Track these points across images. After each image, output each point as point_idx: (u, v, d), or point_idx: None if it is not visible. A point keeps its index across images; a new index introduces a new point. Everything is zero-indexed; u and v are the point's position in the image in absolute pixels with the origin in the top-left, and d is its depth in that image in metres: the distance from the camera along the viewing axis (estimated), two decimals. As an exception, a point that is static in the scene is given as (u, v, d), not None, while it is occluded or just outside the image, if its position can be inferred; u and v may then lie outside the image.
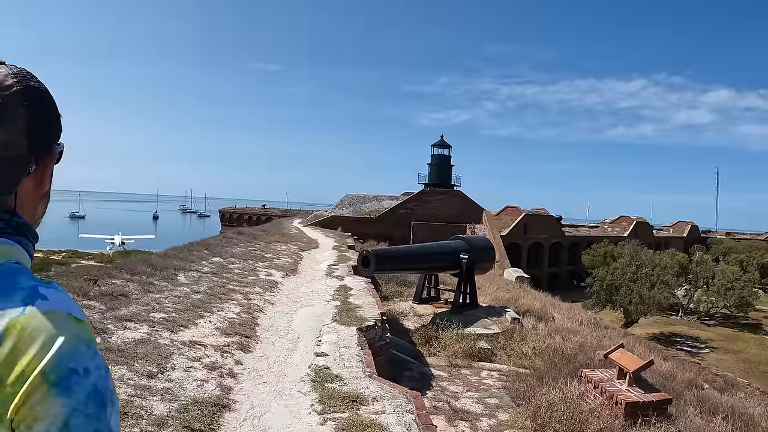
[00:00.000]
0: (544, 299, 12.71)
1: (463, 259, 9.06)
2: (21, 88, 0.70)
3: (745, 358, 26.94)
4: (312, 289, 7.07)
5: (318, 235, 18.29)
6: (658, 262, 33.95)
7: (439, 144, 38.24)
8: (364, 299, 6.35)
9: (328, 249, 13.43)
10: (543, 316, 10.94)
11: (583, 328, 10.81)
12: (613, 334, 10.86)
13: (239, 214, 63.66)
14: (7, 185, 0.70)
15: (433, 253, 8.65)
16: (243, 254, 9.29)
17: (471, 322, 8.84)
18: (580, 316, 11.91)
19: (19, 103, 0.70)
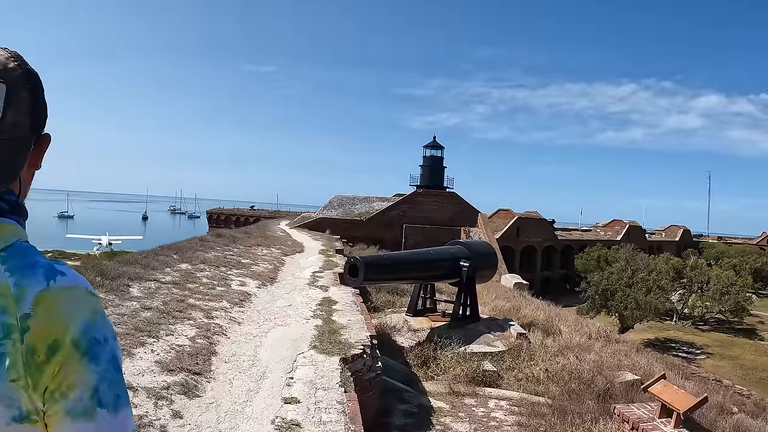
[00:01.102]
0: (548, 309, 11.76)
1: (464, 266, 8.07)
2: (23, 71, 0.73)
3: (741, 364, 26.74)
4: (290, 303, 6.02)
5: (304, 238, 17.22)
6: (654, 267, 33.58)
7: (431, 145, 37.40)
8: (351, 316, 5.31)
9: (313, 253, 12.37)
10: (549, 329, 9.97)
11: (595, 342, 9.88)
12: (628, 350, 9.92)
13: (227, 215, 62.43)
14: (17, 167, 0.72)
15: (430, 261, 7.63)
16: (216, 260, 8.20)
17: (472, 338, 7.85)
18: (588, 328, 10.96)
19: (23, 85, 0.72)
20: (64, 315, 0.66)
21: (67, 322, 0.66)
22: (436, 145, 37.53)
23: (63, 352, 0.65)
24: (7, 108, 0.70)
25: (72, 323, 0.66)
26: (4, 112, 0.69)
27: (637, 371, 7.96)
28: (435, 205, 27.94)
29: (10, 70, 0.71)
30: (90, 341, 0.67)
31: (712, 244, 61.21)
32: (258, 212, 62.18)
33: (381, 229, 26.30)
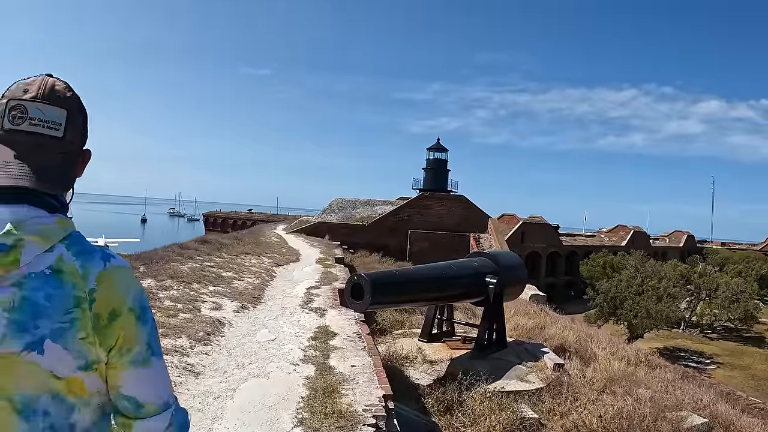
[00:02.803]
0: (578, 329, 10.33)
1: (491, 283, 6.64)
2: (76, 99, 0.96)
3: (753, 374, 26.28)
4: (275, 335, 4.58)
5: (301, 244, 15.78)
6: (664, 274, 32.62)
7: (435, 148, 36.10)
8: (356, 359, 3.88)
9: (310, 263, 10.94)
10: (583, 353, 8.54)
11: (636, 369, 8.51)
12: (676, 379, 8.51)
13: (224, 218, 61.22)
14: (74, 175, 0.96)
15: (451, 277, 6.18)
16: (191, 273, 6.76)
17: (501, 371, 6.40)
18: (625, 350, 9.56)
19: (77, 111, 0.96)
20: (120, 289, 0.90)
21: (122, 295, 0.90)
22: (440, 148, 36.20)
23: (122, 317, 0.89)
24: (67, 129, 0.92)
25: (126, 295, 0.90)
26: (65, 132, 0.92)
27: (701, 411, 6.57)
28: (442, 210, 26.25)
29: (69, 99, 0.94)
30: (140, 308, 0.92)
31: (716, 250, 60.50)
32: (256, 216, 60.94)
33: (384, 234, 24.67)
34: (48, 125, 0.90)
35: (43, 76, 0.94)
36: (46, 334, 0.83)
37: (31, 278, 0.84)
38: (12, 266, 0.83)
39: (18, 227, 0.84)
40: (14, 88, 0.92)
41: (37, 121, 0.89)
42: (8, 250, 0.83)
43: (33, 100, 0.90)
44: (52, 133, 0.91)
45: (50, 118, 0.90)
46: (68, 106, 0.92)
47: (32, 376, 0.83)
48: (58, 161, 0.91)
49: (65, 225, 0.90)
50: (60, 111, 0.91)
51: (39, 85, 0.92)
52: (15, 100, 0.90)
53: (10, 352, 0.82)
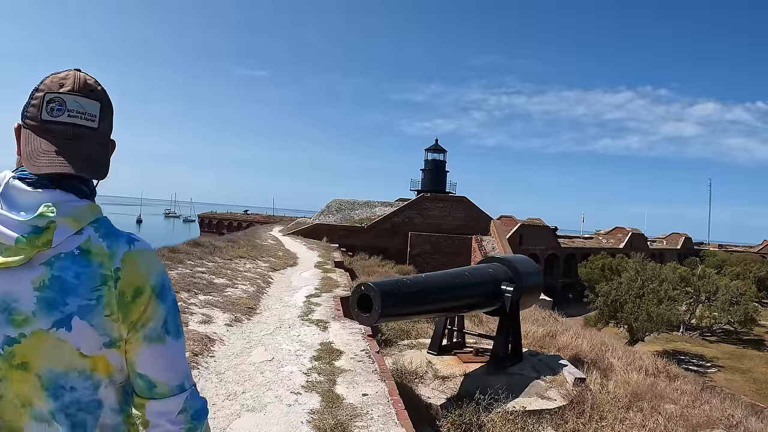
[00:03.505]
0: (591, 337, 9.78)
1: (507, 292, 6.10)
2: (106, 93, 0.99)
3: (754, 378, 26.20)
4: (272, 355, 4.01)
5: (298, 247, 15.20)
6: (665, 277, 32.40)
7: (433, 148, 35.69)
8: (368, 386, 3.32)
9: (308, 267, 10.36)
10: (600, 364, 8.00)
11: (656, 380, 8.00)
12: (698, 392, 7.99)
13: (219, 219, 60.49)
14: (108, 163, 0.99)
15: (466, 285, 5.62)
16: (180, 280, 6.19)
17: (520, 388, 5.86)
18: (641, 360, 9.01)
19: (108, 104, 0.99)
20: (143, 269, 0.93)
21: (146, 274, 0.93)
22: (439, 149, 35.77)
23: (145, 294, 0.92)
24: (101, 120, 0.96)
25: (149, 275, 0.93)
26: (100, 122, 0.96)
27: (735, 429, 6.07)
28: (443, 211, 25.57)
29: (101, 92, 0.98)
30: (161, 287, 0.95)
31: (713, 252, 60.64)
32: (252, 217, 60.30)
33: (384, 237, 24.01)
34: (85, 116, 0.94)
35: (73, 70, 0.98)
36: (74, 311, 0.87)
37: (61, 258, 0.89)
38: (44, 246, 0.87)
39: (50, 210, 0.89)
40: (49, 81, 0.95)
41: (75, 113, 0.93)
42: (41, 231, 0.87)
43: (71, 93, 0.94)
44: (89, 124, 0.94)
45: (87, 109, 0.94)
46: (101, 99, 0.97)
47: (60, 353, 0.87)
48: (96, 150, 0.95)
49: (94, 209, 0.95)
50: (94, 103, 0.96)
51: (74, 79, 0.96)
52: (52, 93, 0.93)
53: (40, 329, 0.86)
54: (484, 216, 26.40)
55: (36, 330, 0.85)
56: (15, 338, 0.85)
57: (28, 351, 0.86)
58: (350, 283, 8.76)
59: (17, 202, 0.89)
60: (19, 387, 0.87)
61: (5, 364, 0.86)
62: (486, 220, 25.98)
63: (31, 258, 0.86)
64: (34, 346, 0.85)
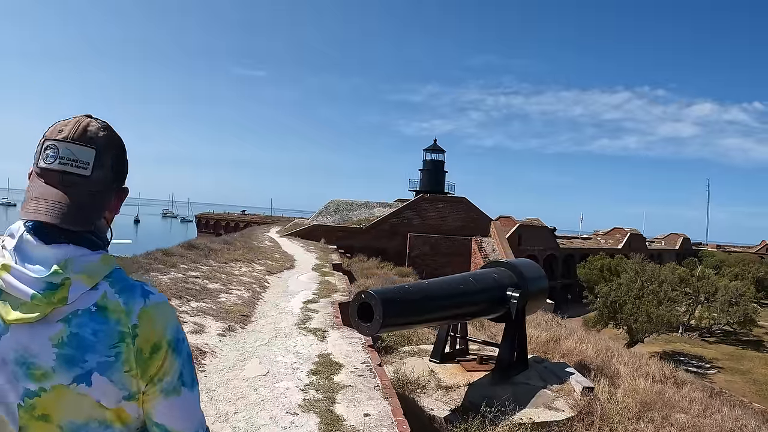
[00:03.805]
0: (596, 342, 9.55)
1: (512, 298, 5.88)
2: (108, 139, 0.98)
3: (754, 379, 26.07)
4: (267, 369, 3.76)
5: (296, 248, 14.93)
6: (664, 278, 32.27)
7: (432, 149, 35.47)
8: (369, 405, 3.07)
9: (306, 270, 10.11)
10: (606, 370, 7.77)
11: (667, 388, 7.77)
12: (708, 400, 7.77)
13: (216, 220, 60.07)
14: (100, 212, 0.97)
15: (471, 292, 5.38)
16: (172, 286, 5.92)
17: (527, 398, 5.62)
18: (647, 366, 8.79)
19: (108, 150, 0.97)
20: (160, 324, 0.94)
21: (162, 330, 0.94)
22: (437, 149, 35.55)
23: (162, 350, 0.93)
24: (95, 168, 0.95)
25: (165, 330, 0.94)
26: (93, 170, 0.95)
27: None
28: (442, 212, 25.23)
29: (100, 138, 0.97)
30: (177, 341, 0.95)
31: (711, 253, 60.65)
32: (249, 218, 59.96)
33: (382, 238, 23.69)
34: (76, 164, 0.94)
35: (81, 116, 0.99)
36: (94, 368, 0.88)
37: (78, 315, 0.90)
38: (60, 303, 0.89)
39: (64, 267, 0.90)
40: (52, 128, 0.97)
41: (66, 160, 0.94)
42: (56, 288, 0.88)
43: (64, 140, 0.95)
44: (80, 172, 0.94)
45: (78, 156, 0.94)
46: (97, 145, 0.96)
47: (81, 406, 0.89)
48: (84, 199, 0.94)
49: (108, 262, 0.95)
50: (88, 150, 0.95)
51: (72, 125, 0.96)
52: (50, 141, 0.95)
53: (60, 384, 0.88)
54: (484, 217, 26.08)
55: (56, 385, 0.88)
56: (35, 392, 0.89)
57: (48, 404, 0.89)
58: (349, 287, 8.51)
59: (32, 256, 0.90)
60: None
61: (26, 415, 0.89)
62: (486, 221, 25.66)
63: (48, 314, 0.89)
64: (54, 400, 0.88)
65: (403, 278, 15.85)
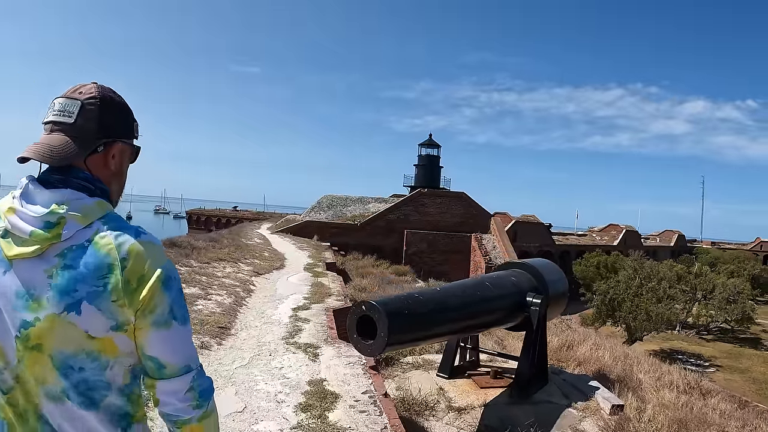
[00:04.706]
0: (612, 348, 8.85)
1: (533, 304, 5.13)
2: (99, 95, 1.09)
3: (753, 377, 25.82)
4: (244, 403, 2.95)
5: (287, 246, 14.11)
6: (663, 276, 31.91)
7: (427, 143, 34.84)
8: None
9: (297, 270, 9.31)
10: (629, 381, 7.07)
11: (693, 399, 7.10)
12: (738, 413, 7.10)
13: (207, 216, 59.11)
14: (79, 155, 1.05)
15: (488, 299, 4.60)
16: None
17: (551, 419, 4.87)
18: (670, 374, 8.10)
19: (95, 103, 1.08)
20: (148, 259, 1.01)
21: (150, 264, 1.01)
22: (433, 144, 34.90)
23: (148, 283, 1.00)
24: (78, 117, 1.06)
25: (153, 265, 1.01)
26: (76, 119, 1.06)
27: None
28: (441, 208, 24.36)
29: (88, 94, 1.08)
30: (166, 277, 1.02)
31: (706, 250, 60.66)
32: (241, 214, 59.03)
33: (378, 235, 22.81)
34: (63, 114, 1.06)
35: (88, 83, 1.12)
36: (83, 297, 0.96)
37: (72, 250, 0.98)
38: (55, 239, 0.98)
39: (61, 207, 1.00)
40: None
41: (57, 112, 1.07)
42: (52, 226, 0.98)
43: (60, 97, 1.09)
44: (65, 120, 1.06)
45: (66, 108, 1.07)
46: (83, 99, 1.07)
47: (70, 336, 0.96)
48: (64, 141, 1.04)
49: (103, 207, 1.05)
50: (74, 102, 1.07)
51: (73, 86, 1.11)
52: (53, 99, 1.10)
53: (52, 313, 0.96)
54: (483, 213, 25.25)
55: (49, 314, 0.96)
56: (30, 322, 0.97)
57: (41, 333, 0.96)
58: (344, 289, 7.74)
59: (34, 200, 1.01)
60: (34, 367, 0.98)
61: (22, 346, 0.97)
62: (486, 217, 24.83)
63: (46, 250, 0.98)
64: (47, 329, 0.96)
65: (400, 277, 15.10)
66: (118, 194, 1.14)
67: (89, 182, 1.04)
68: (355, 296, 8.48)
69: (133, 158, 1.17)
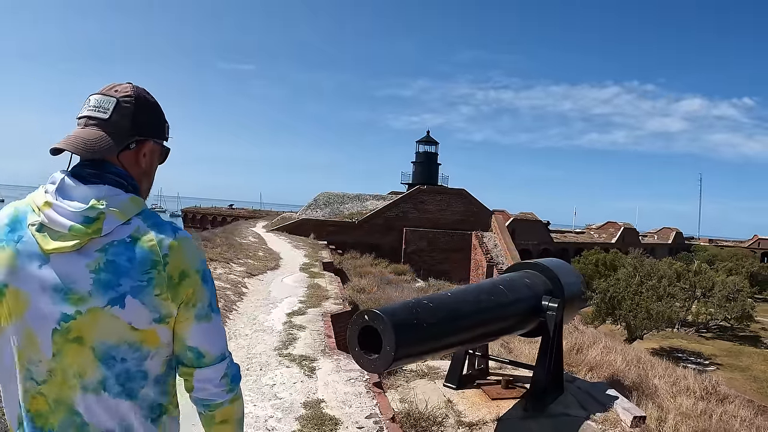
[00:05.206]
0: (624, 351, 8.45)
1: (550, 309, 4.71)
2: (134, 94, 1.12)
3: (754, 376, 25.56)
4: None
5: (283, 245, 13.66)
6: (663, 273, 31.71)
7: (425, 140, 34.46)
8: None
9: (293, 270, 8.87)
10: (644, 387, 6.69)
11: (711, 406, 6.74)
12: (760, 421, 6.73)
13: (203, 214, 58.61)
14: (112, 150, 1.08)
15: (504, 305, 4.17)
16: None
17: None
18: (685, 379, 7.71)
19: (130, 101, 1.11)
20: (187, 255, 1.05)
21: (190, 260, 1.05)
22: (430, 140, 34.51)
23: (189, 278, 1.04)
24: (113, 113, 1.09)
25: (193, 260, 1.06)
26: (111, 115, 1.09)
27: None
28: (441, 205, 23.81)
29: (124, 92, 1.11)
30: (204, 271, 1.08)
31: (704, 247, 60.70)
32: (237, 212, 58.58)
33: (376, 233, 22.31)
34: (99, 110, 1.09)
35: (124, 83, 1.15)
36: (127, 291, 0.99)
37: (114, 245, 1.01)
38: (95, 234, 1.00)
39: (100, 203, 1.02)
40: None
41: (92, 107, 1.10)
42: (92, 221, 1.00)
43: (96, 93, 1.12)
44: (100, 115, 1.09)
45: (101, 104, 1.10)
46: (119, 96, 1.10)
47: (113, 328, 0.99)
48: (99, 135, 1.07)
49: (137, 203, 1.07)
50: (110, 99, 1.10)
51: (109, 84, 1.14)
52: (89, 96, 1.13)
53: (95, 306, 0.98)
54: (484, 210, 24.74)
55: (92, 307, 0.98)
56: (71, 315, 0.98)
57: (83, 326, 0.98)
58: (342, 291, 7.31)
59: (71, 195, 1.03)
60: (74, 359, 0.99)
61: (61, 339, 0.99)
62: (487, 214, 24.33)
63: (85, 245, 1.00)
64: (89, 322, 0.98)
65: (399, 276, 14.69)
66: (147, 193, 1.16)
67: (123, 178, 1.07)
68: (354, 298, 8.06)
69: (163, 159, 1.20)
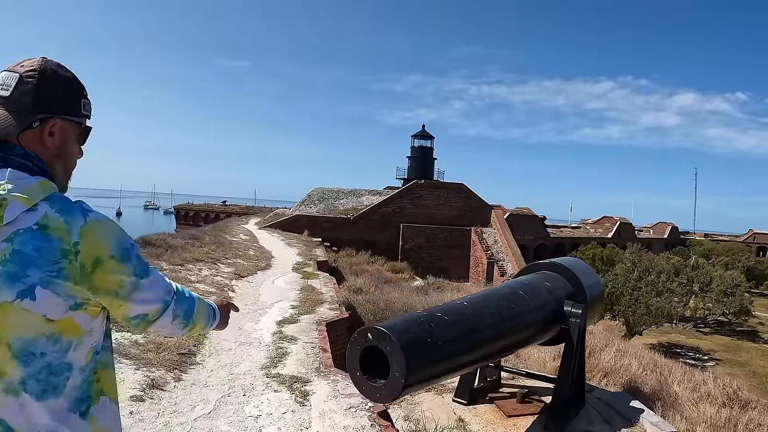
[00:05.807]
0: (638, 355, 7.97)
1: (573, 315, 4.21)
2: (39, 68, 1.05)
3: (753, 371, 25.50)
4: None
5: (275, 243, 13.08)
6: (661, 269, 31.49)
7: (420, 135, 34.04)
8: None
9: (285, 270, 8.31)
10: (665, 395, 6.22)
11: (734, 413, 6.30)
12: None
13: (196, 211, 57.87)
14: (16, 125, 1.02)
15: (525, 313, 3.64)
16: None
17: (596, 458, 3.99)
18: (705, 384, 7.26)
19: (33, 76, 1.04)
20: (100, 240, 0.98)
21: (103, 244, 0.98)
22: (426, 135, 34.06)
23: (104, 263, 0.98)
24: (14, 90, 1.03)
25: (106, 245, 0.99)
26: (12, 92, 1.03)
27: None
28: (439, 200, 23.22)
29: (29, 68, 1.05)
30: (121, 251, 1.01)
31: (699, 242, 60.87)
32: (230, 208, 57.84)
33: (372, 229, 21.74)
34: (1, 87, 1.04)
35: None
36: (36, 282, 0.93)
37: (20, 234, 0.94)
38: None
39: (1, 188, 0.95)
40: None
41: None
42: None
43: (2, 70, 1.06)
44: (2, 93, 1.04)
45: (4, 81, 1.04)
46: (22, 72, 1.04)
47: (27, 322, 0.93)
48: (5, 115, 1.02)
49: (45, 186, 1.00)
50: (12, 75, 1.04)
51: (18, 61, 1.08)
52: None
53: (5, 301, 0.92)
54: (483, 205, 24.18)
55: (1, 302, 0.92)
56: None
57: None
58: (338, 293, 6.77)
59: None
60: None
61: None
62: (486, 209, 23.76)
63: None
64: (1, 318, 0.92)
65: (397, 275, 14.17)
66: (65, 176, 1.10)
67: (29, 159, 1.01)
68: (351, 300, 7.53)
69: (82, 140, 1.13)
